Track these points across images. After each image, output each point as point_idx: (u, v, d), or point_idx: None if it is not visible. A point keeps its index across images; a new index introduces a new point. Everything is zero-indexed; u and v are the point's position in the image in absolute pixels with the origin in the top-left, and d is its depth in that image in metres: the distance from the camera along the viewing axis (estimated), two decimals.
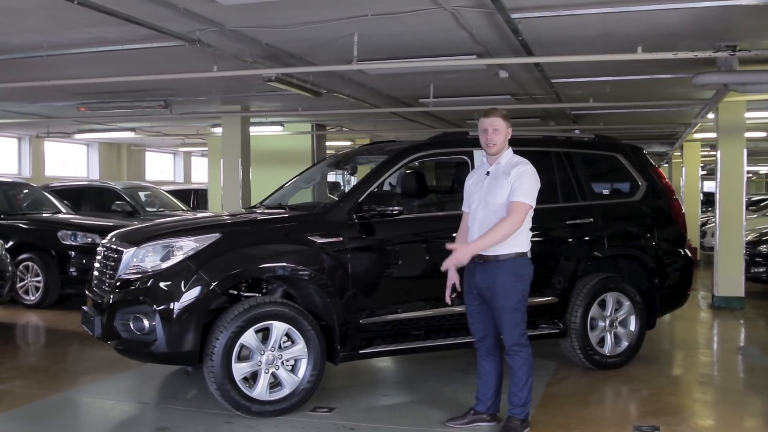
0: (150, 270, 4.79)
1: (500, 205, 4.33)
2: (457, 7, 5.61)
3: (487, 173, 4.47)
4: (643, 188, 6.47)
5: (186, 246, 4.81)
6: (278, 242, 5.00)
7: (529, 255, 4.44)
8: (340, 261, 5.01)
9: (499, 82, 9.09)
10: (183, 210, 13.42)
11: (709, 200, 20.41)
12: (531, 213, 4.39)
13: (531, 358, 4.43)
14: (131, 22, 5.65)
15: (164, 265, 4.77)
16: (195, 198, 16.42)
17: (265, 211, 5.82)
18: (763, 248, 10.27)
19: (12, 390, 5.54)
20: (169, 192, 14.78)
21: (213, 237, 4.87)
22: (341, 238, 5.05)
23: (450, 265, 4.39)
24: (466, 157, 5.69)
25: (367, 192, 5.24)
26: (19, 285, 8.97)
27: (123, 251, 4.96)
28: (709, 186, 22.06)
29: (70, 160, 20.32)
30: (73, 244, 9.24)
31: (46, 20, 6.09)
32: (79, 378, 6.00)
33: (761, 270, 10.18)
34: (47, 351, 7.08)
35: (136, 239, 5.02)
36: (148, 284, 4.74)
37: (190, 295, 4.66)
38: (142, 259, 4.85)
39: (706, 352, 7.49)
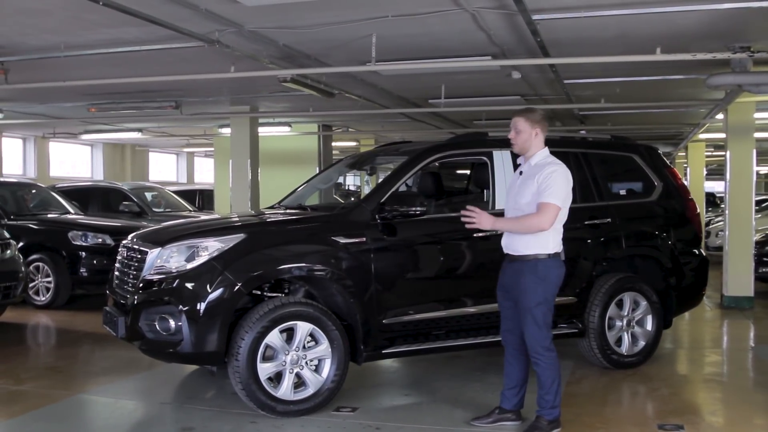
0: (175, 270, 4.80)
1: (525, 204, 4.35)
2: (478, 8, 5.63)
3: (521, 173, 4.52)
4: (659, 188, 6.49)
5: (211, 246, 4.81)
6: (303, 243, 5.01)
7: (562, 257, 4.43)
8: (363, 261, 5.03)
9: (510, 82, 9.12)
10: (189, 210, 13.44)
11: (709, 200, 20.52)
12: (564, 215, 4.39)
13: (555, 363, 4.38)
14: (153, 22, 5.67)
15: (189, 266, 4.78)
16: (200, 198, 16.44)
17: (288, 211, 5.83)
18: None
19: (32, 390, 5.54)
20: (175, 192, 14.80)
21: (238, 237, 4.88)
22: (364, 239, 5.07)
23: (473, 219, 4.32)
24: (485, 158, 5.71)
25: (390, 192, 5.26)
26: (29, 285, 8.96)
27: (147, 252, 4.96)
28: (709, 186, 22.15)
29: (68, 160, 20.26)
30: (84, 244, 9.24)
31: (65, 21, 6.11)
32: (98, 378, 6.00)
33: None
34: (62, 351, 7.07)
35: (160, 240, 5.03)
36: (174, 285, 4.75)
37: (216, 295, 4.67)
38: (167, 260, 4.86)
39: (721, 351, 7.52)
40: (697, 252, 6.65)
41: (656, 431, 4.57)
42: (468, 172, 7.35)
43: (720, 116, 10.32)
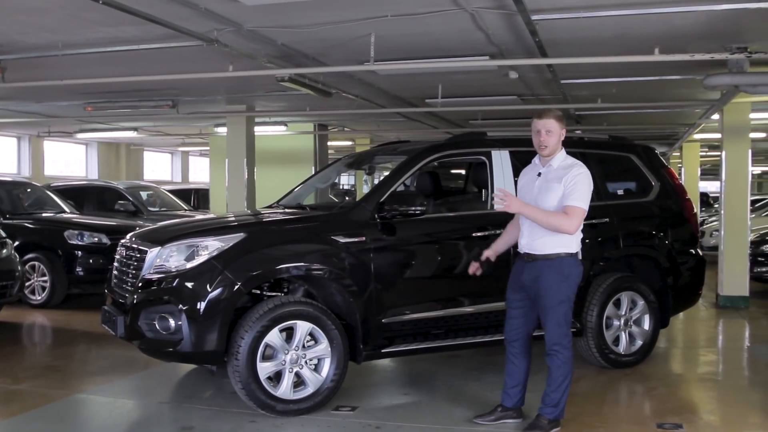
0: (174, 270, 4.79)
1: (551, 208, 4.35)
2: (478, 9, 5.65)
3: (539, 174, 4.48)
4: (657, 188, 6.52)
5: (211, 246, 4.81)
6: (303, 242, 5.01)
7: (579, 256, 4.48)
8: (363, 261, 5.03)
9: (506, 82, 9.14)
10: (185, 210, 13.42)
11: (702, 200, 20.61)
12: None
13: (571, 361, 4.43)
14: (152, 21, 5.66)
15: (189, 265, 4.77)
16: (196, 198, 16.38)
17: (287, 210, 5.84)
18: (766, 248, 10.34)
19: (30, 390, 5.52)
20: (170, 192, 14.77)
21: (238, 237, 4.88)
22: (364, 238, 5.07)
23: (501, 206, 4.30)
24: (484, 158, 5.73)
25: (389, 192, 5.27)
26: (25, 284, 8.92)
27: (146, 251, 4.95)
28: (701, 186, 22.27)
29: (62, 159, 20.17)
30: (80, 243, 9.21)
31: (65, 19, 6.09)
32: (96, 378, 5.98)
33: (764, 269, 10.26)
34: (59, 351, 7.04)
35: (160, 239, 5.02)
36: (174, 284, 4.74)
37: (216, 294, 4.66)
38: (167, 259, 4.85)
39: (717, 350, 7.54)
40: (693, 252, 6.69)
41: (655, 430, 4.59)
42: (465, 171, 7.37)
43: (716, 116, 10.37)
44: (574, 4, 5.65)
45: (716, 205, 19.03)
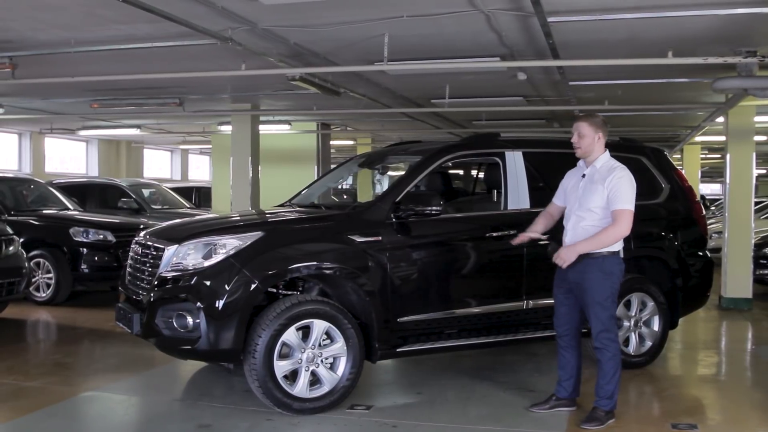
0: (192, 268, 4.80)
1: (594, 208, 4.55)
2: (494, 10, 5.67)
3: (583, 176, 4.68)
4: (666, 190, 6.55)
5: (229, 244, 4.81)
6: (320, 241, 5.02)
7: (621, 254, 4.66)
8: (379, 260, 5.05)
9: (514, 83, 9.15)
10: (187, 207, 13.42)
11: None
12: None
13: (619, 353, 4.63)
14: (168, 19, 5.64)
15: (207, 263, 4.78)
16: (197, 196, 16.39)
17: (301, 209, 5.85)
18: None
19: (43, 387, 5.51)
20: (171, 189, 14.77)
21: (256, 235, 4.89)
22: (380, 238, 5.09)
23: (558, 261, 4.60)
24: (497, 159, 5.76)
25: (405, 192, 5.29)
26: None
27: (163, 249, 4.96)
28: (699, 188, 22.36)
29: (60, 156, 20.09)
30: (85, 240, 9.19)
31: (79, 17, 6.09)
32: (106, 375, 5.99)
33: (767, 272, 10.32)
34: (67, 348, 7.02)
35: (177, 237, 5.02)
36: (191, 282, 4.75)
37: (235, 293, 4.67)
38: (184, 257, 4.85)
39: (724, 352, 7.59)
40: (702, 254, 6.73)
41: (670, 430, 4.63)
42: (476, 172, 7.38)
43: (719, 119, 10.42)
44: (589, 6, 5.67)
45: (713, 208, 19.13)
